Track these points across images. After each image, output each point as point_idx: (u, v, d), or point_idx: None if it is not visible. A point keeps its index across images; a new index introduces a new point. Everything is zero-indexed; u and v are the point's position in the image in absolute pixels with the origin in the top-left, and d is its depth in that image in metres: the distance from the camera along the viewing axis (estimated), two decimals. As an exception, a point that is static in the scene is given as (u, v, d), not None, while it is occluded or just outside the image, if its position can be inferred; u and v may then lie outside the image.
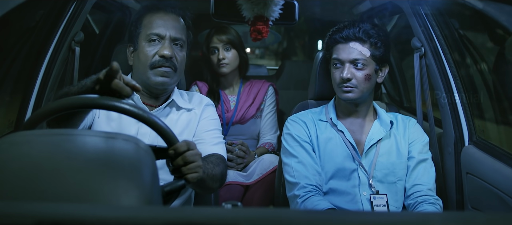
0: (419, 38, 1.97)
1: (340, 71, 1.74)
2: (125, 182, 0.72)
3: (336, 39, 1.77)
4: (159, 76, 1.59)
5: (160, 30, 1.60)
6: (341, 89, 1.75)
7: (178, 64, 1.62)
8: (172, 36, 1.61)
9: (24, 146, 0.74)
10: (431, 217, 0.63)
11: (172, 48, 1.60)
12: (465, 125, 1.88)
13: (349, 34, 1.74)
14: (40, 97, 1.79)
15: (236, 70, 2.53)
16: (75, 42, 1.91)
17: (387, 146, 1.78)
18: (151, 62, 1.59)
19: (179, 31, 1.64)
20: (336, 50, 1.77)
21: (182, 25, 1.67)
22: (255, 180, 2.22)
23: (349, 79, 1.72)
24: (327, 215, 0.66)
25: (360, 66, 1.73)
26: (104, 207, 0.60)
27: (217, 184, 1.53)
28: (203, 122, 1.70)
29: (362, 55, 1.72)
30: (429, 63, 1.96)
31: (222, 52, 2.42)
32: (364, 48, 1.73)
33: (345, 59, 1.73)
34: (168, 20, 1.63)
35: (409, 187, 1.75)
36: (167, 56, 1.58)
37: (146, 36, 1.61)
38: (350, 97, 1.75)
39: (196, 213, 0.58)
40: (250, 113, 2.50)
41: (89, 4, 1.94)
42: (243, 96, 2.53)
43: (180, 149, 1.14)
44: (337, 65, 1.77)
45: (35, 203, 0.63)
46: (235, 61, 2.47)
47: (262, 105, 2.56)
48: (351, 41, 1.74)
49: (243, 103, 2.51)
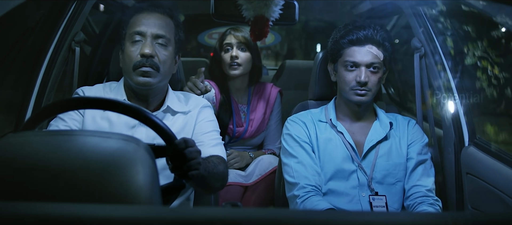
0: (419, 38, 1.98)
1: (356, 75, 1.72)
2: (125, 182, 0.72)
3: (351, 41, 1.74)
4: (140, 76, 1.54)
5: (141, 28, 1.57)
6: (355, 92, 1.73)
7: (161, 64, 1.57)
8: (154, 34, 1.57)
9: (24, 146, 0.74)
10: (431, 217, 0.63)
11: (153, 46, 1.56)
12: (465, 125, 1.88)
13: (367, 36, 1.72)
14: (40, 97, 1.79)
15: (247, 76, 2.40)
16: (75, 42, 1.91)
17: (386, 147, 1.78)
18: (134, 63, 1.55)
19: (163, 29, 1.59)
20: (350, 53, 1.74)
21: (167, 23, 1.62)
22: (255, 181, 2.22)
23: (366, 83, 1.71)
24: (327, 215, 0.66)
25: (375, 70, 1.72)
26: (104, 207, 0.60)
27: (219, 184, 1.52)
28: (200, 124, 1.67)
29: (377, 58, 1.72)
30: (429, 63, 1.96)
31: (236, 50, 2.30)
32: (379, 51, 1.72)
33: (361, 62, 1.71)
34: (151, 18, 1.60)
35: (409, 188, 1.75)
36: (147, 55, 1.53)
37: (129, 36, 1.59)
38: (364, 101, 1.74)
39: (196, 213, 0.58)
40: (261, 128, 2.42)
41: (90, 4, 1.94)
42: (253, 106, 2.42)
43: (179, 146, 1.14)
44: (350, 67, 1.74)
45: (35, 203, 0.63)
46: (247, 64, 2.33)
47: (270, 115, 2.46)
48: (368, 44, 1.72)
49: (254, 116, 2.40)
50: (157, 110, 1.63)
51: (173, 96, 1.69)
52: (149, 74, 1.55)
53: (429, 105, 2.01)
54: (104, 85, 1.71)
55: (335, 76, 1.85)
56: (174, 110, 1.65)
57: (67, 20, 1.83)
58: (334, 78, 1.86)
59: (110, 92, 1.66)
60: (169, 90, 1.69)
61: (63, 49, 1.85)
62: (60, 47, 1.83)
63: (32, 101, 1.77)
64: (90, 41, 2.58)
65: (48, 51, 1.80)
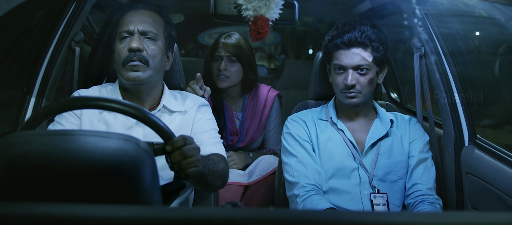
0: (419, 38, 1.98)
1: (344, 78, 1.73)
2: (125, 182, 0.72)
3: (337, 45, 1.74)
4: (129, 71, 1.55)
5: (129, 27, 1.58)
6: (345, 95, 1.75)
7: (150, 58, 1.57)
8: (140, 30, 1.58)
9: (24, 146, 0.74)
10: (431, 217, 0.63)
11: (140, 41, 1.56)
12: (465, 125, 1.88)
13: (351, 39, 1.72)
14: (40, 97, 1.79)
15: (238, 85, 2.36)
16: (75, 42, 1.90)
17: (387, 144, 1.78)
18: (122, 60, 1.56)
19: (149, 25, 1.60)
20: (337, 56, 1.75)
21: (154, 19, 1.63)
22: (255, 181, 2.22)
23: (354, 85, 1.72)
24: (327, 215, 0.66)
25: (363, 72, 1.72)
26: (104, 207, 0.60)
27: (219, 182, 1.51)
28: (199, 123, 1.66)
29: (365, 60, 1.72)
30: (429, 63, 1.96)
31: (224, 63, 2.26)
32: (367, 53, 1.72)
33: (348, 65, 1.72)
34: (137, 16, 1.61)
35: (409, 186, 1.75)
36: (134, 49, 1.54)
37: (118, 35, 1.61)
38: (355, 103, 1.75)
39: (196, 213, 0.58)
40: (256, 136, 2.40)
41: (90, 4, 1.94)
42: (248, 113, 2.39)
43: (177, 144, 1.13)
44: (338, 70, 1.75)
45: (35, 203, 0.63)
46: (236, 77, 2.29)
47: (267, 121, 2.44)
48: (353, 47, 1.72)
49: (249, 125, 2.38)
50: (153, 110, 1.63)
51: (170, 96, 1.69)
52: (138, 68, 1.55)
53: (429, 105, 2.01)
54: (100, 87, 1.71)
55: (330, 77, 1.86)
56: (170, 110, 1.65)
57: (67, 20, 1.83)
58: (331, 79, 1.86)
59: (106, 94, 1.67)
60: (165, 90, 1.69)
61: (63, 49, 1.85)
62: (60, 47, 1.83)
63: (32, 101, 1.77)
64: (90, 41, 2.58)
65: (48, 51, 1.80)
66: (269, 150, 2.43)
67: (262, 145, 2.51)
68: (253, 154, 2.39)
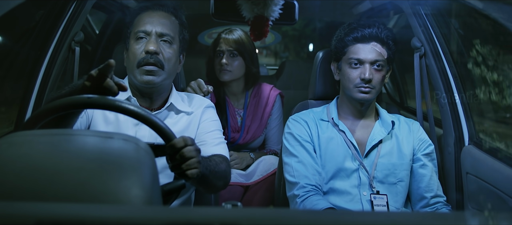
0: (419, 38, 1.98)
1: (360, 72, 1.72)
2: (125, 182, 0.72)
3: (356, 38, 1.75)
4: (144, 75, 1.55)
5: (146, 27, 1.58)
6: (359, 89, 1.74)
7: (165, 61, 1.57)
8: (158, 32, 1.58)
9: (24, 146, 0.74)
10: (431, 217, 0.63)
11: (158, 43, 1.56)
12: (465, 125, 1.88)
13: (372, 34, 1.73)
14: (40, 97, 1.79)
15: (241, 80, 2.38)
16: (75, 42, 1.91)
17: (388, 146, 1.78)
18: (138, 61, 1.56)
19: (167, 27, 1.60)
20: (354, 50, 1.75)
21: (171, 21, 1.63)
22: (256, 181, 2.22)
23: (371, 80, 1.72)
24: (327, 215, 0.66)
25: (379, 68, 1.73)
26: (104, 207, 0.60)
27: (221, 182, 1.51)
28: (204, 124, 1.67)
29: (381, 56, 1.73)
30: (429, 63, 1.96)
31: (226, 57, 2.28)
32: (383, 49, 1.74)
33: (366, 60, 1.72)
34: (155, 17, 1.61)
35: (430, 196, 1.75)
36: (151, 52, 1.54)
37: (134, 35, 1.60)
38: (368, 98, 1.75)
39: (196, 213, 0.58)
40: (257, 134, 2.41)
41: (90, 4, 1.94)
42: (250, 110, 2.41)
43: (178, 145, 1.13)
44: (355, 64, 1.75)
45: (35, 203, 0.63)
46: (238, 70, 2.31)
47: (269, 119, 2.45)
48: (373, 41, 1.73)
49: (251, 122, 2.39)
50: (161, 107, 1.64)
51: (177, 96, 1.70)
52: (154, 73, 1.55)
53: (429, 105, 2.01)
54: None
55: (338, 75, 1.85)
56: (178, 109, 1.66)
57: (67, 20, 1.83)
58: (338, 77, 1.86)
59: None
60: (173, 90, 1.70)
61: (63, 49, 1.85)
62: (60, 47, 1.84)
63: (32, 101, 1.77)
64: (90, 41, 2.58)
65: (48, 51, 1.80)
66: (270, 150, 2.43)
67: (263, 145, 2.51)
68: (254, 154, 2.39)
